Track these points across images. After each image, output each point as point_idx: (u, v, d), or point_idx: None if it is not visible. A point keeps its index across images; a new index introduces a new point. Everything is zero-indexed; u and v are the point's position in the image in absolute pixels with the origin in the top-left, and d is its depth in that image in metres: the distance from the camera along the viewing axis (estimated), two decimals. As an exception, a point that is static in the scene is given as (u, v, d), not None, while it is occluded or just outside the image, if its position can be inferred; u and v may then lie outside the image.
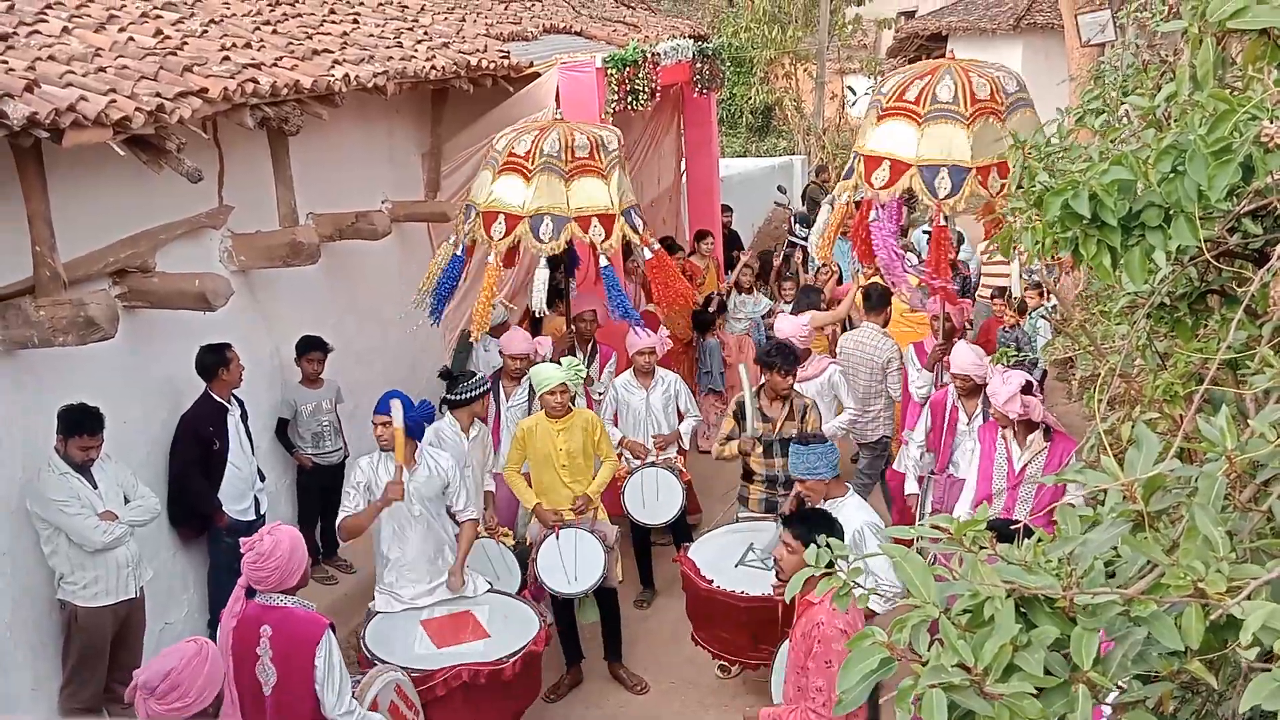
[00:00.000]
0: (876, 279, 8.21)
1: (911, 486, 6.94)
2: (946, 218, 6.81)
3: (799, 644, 4.42)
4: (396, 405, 5.66)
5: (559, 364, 6.62)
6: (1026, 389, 5.77)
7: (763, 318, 10.36)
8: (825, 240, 7.72)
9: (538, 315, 8.01)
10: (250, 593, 4.39)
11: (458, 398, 6.67)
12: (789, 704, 4.52)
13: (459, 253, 7.54)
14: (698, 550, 6.46)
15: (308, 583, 4.53)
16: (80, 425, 5.31)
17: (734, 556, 6.34)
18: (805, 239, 12.64)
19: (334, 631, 4.42)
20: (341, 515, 5.82)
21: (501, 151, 7.34)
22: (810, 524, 4.55)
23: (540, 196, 7.16)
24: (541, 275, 7.43)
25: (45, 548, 5.35)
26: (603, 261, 7.53)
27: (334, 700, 4.34)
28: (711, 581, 6.11)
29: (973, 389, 6.55)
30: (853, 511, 5.51)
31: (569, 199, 7.18)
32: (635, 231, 7.35)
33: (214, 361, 6.28)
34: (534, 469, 6.65)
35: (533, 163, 7.20)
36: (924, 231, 11.24)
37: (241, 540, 4.45)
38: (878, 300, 8.19)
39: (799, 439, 5.86)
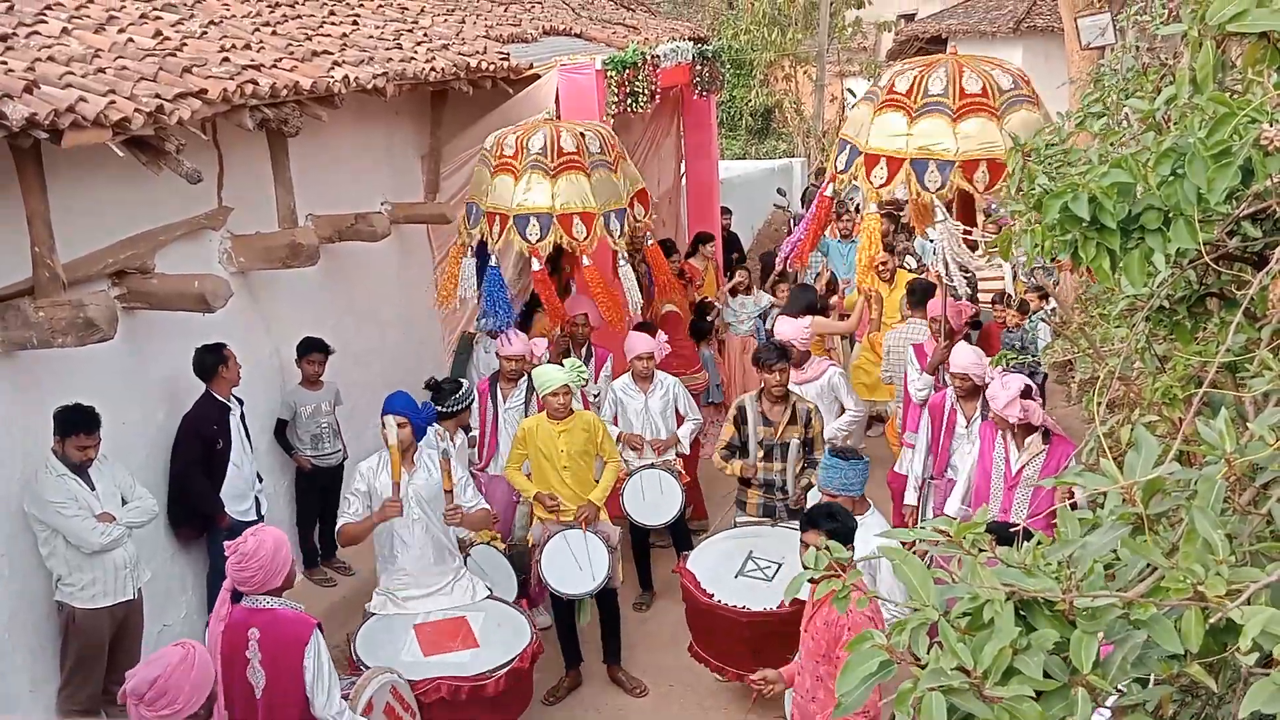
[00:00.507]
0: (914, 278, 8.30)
1: (910, 498, 6.92)
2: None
3: (821, 633, 4.48)
4: (391, 421, 5.65)
5: (561, 365, 6.64)
6: (1026, 393, 5.77)
7: (760, 317, 10.34)
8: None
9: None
10: (237, 596, 4.39)
11: (447, 410, 6.69)
12: (806, 693, 4.57)
13: (494, 268, 7.83)
14: (697, 560, 6.42)
15: (294, 584, 4.53)
16: (76, 425, 5.30)
17: (734, 566, 6.32)
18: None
19: (321, 631, 4.42)
20: (341, 521, 5.82)
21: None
22: (834, 519, 4.60)
23: (473, 186, 7.77)
24: (467, 263, 7.80)
25: (43, 549, 5.34)
26: (492, 261, 7.75)
27: (324, 700, 4.34)
28: (712, 596, 6.07)
29: (972, 390, 6.54)
30: (872, 531, 5.46)
31: (487, 194, 7.54)
32: (523, 237, 7.38)
33: (213, 361, 6.28)
34: (535, 470, 6.64)
35: (480, 154, 7.79)
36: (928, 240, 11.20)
37: (225, 544, 4.45)
38: (921, 296, 8.13)
39: (837, 452, 5.69)
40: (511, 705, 5.68)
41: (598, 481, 6.68)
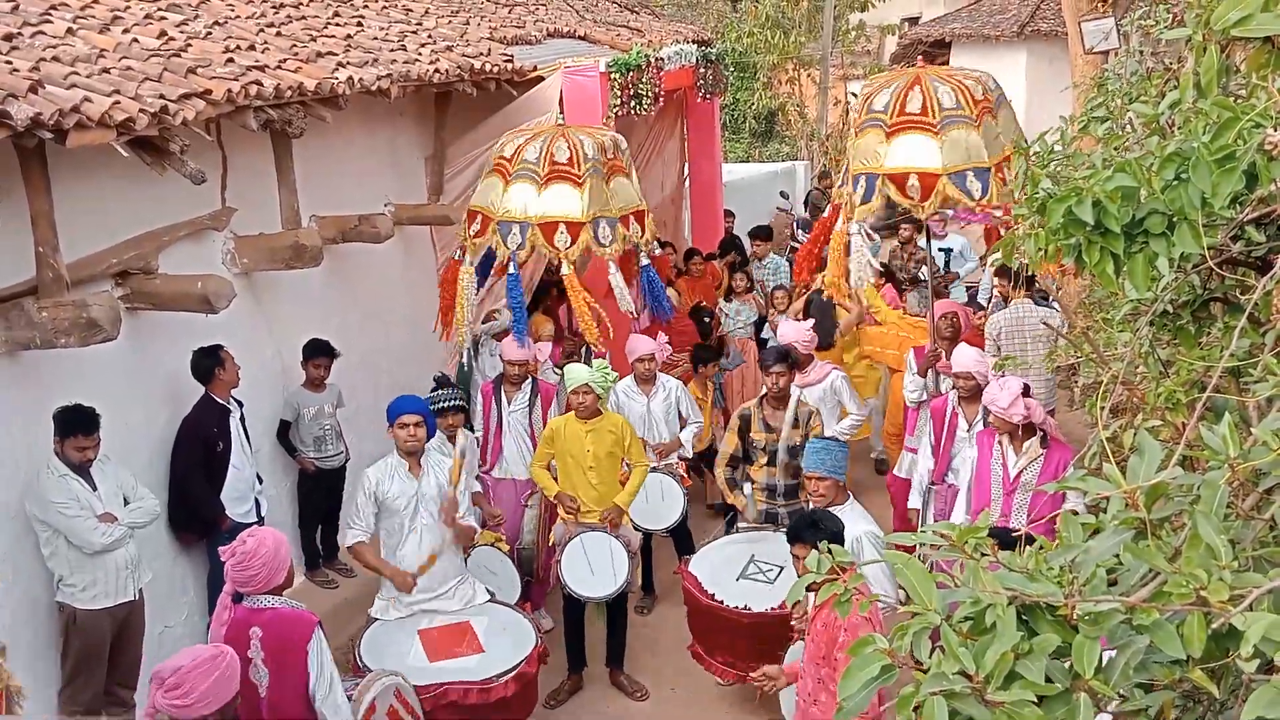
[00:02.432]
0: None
1: (915, 501, 6.93)
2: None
3: (819, 635, 4.49)
4: (466, 436, 5.92)
5: (590, 365, 6.72)
6: (1025, 392, 5.79)
7: (755, 324, 10.36)
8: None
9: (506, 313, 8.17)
10: (238, 598, 4.40)
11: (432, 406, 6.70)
12: (809, 696, 4.57)
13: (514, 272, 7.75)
14: (699, 563, 6.43)
15: (293, 582, 4.55)
16: (75, 425, 5.30)
17: (736, 569, 6.32)
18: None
19: (323, 629, 4.43)
20: (353, 537, 5.81)
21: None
22: (819, 529, 4.61)
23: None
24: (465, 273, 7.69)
25: (44, 550, 5.34)
26: (511, 268, 7.73)
27: (324, 694, 4.35)
28: (714, 596, 6.08)
29: (974, 392, 6.54)
30: (853, 520, 5.51)
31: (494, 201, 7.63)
32: (504, 244, 7.38)
33: (209, 364, 6.26)
34: (561, 469, 6.67)
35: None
36: (940, 250, 11.18)
37: (220, 550, 4.46)
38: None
39: (823, 436, 5.88)
40: (518, 709, 5.69)
41: (623, 484, 6.71)
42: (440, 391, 6.70)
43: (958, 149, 6.60)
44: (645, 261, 7.81)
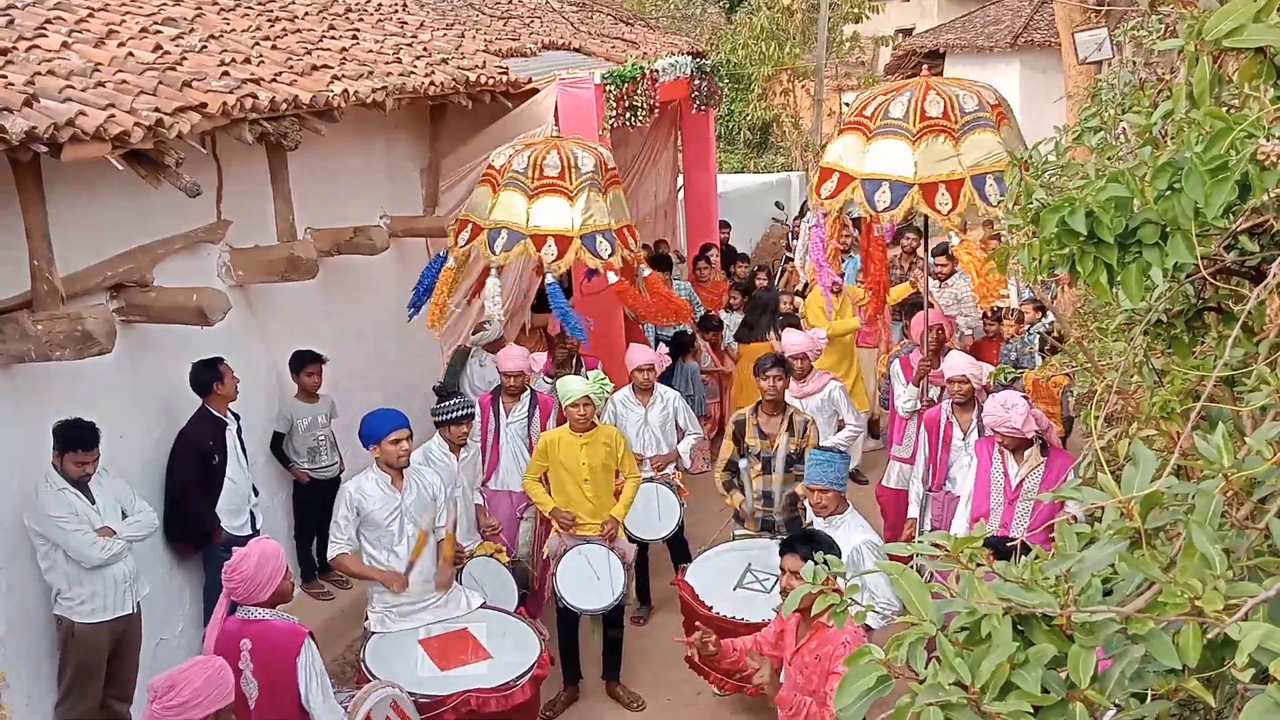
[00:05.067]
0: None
1: (913, 511, 6.92)
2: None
3: (810, 666, 4.40)
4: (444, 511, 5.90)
5: (587, 378, 6.70)
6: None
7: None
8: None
9: (497, 323, 8.11)
10: (233, 607, 4.39)
11: (434, 417, 6.67)
12: None
13: (441, 253, 7.84)
14: (695, 573, 6.43)
15: (290, 597, 4.51)
16: (76, 440, 5.29)
17: (732, 578, 6.32)
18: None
19: (314, 640, 4.41)
20: (335, 549, 5.78)
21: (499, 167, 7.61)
22: (813, 544, 4.54)
23: (500, 210, 7.49)
24: (492, 284, 7.63)
25: (42, 563, 5.33)
26: (549, 279, 7.75)
27: (319, 703, 4.33)
28: (711, 607, 6.07)
29: (969, 398, 6.55)
30: (852, 530, 5.50)
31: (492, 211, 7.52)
32: (593, 254, 7.38)
33: (209, 377, 6.26)
34: (555, 482, 6.66)
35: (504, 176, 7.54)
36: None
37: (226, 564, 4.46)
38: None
39: (822, 448, 5.86)
40: (529, 711, 5.72)
41: (617, 495, 6.70)
42: (450, 401, 6.68)
43: (882, 159, 6.53)
44: (647, 272, 7.84)
